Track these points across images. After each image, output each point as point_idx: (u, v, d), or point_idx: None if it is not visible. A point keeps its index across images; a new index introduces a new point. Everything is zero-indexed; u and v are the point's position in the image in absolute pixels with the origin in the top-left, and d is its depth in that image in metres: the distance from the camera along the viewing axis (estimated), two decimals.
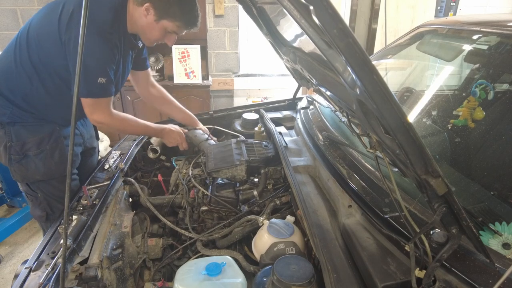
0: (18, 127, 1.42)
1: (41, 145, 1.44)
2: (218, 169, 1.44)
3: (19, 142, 1.41)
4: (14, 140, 1.41)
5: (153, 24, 1.39)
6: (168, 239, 1.30)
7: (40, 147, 1.44)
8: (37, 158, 1.44)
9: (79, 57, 0.74)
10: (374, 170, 1.15)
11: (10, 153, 1.43)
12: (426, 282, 0.76)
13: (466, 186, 1.13)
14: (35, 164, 1.44)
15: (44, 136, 1.44)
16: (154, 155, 1.78)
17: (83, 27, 0.73)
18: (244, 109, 2.12)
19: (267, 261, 1.03)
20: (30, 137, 1.42)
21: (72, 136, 0.78)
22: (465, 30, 1.58)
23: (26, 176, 1.47)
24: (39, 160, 1.44)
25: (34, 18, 1.40)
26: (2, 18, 3.51)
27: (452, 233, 0.74)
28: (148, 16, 1.37)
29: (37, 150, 1.43)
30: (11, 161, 1.44)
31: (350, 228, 0.99)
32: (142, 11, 1.35)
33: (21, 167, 1.44)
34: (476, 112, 1.38)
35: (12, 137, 1.41)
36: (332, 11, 0.56)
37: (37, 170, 1.45)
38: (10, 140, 1.42)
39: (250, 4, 1.37)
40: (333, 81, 0.97)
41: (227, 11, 3.73)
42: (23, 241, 2.63)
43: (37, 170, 1.45)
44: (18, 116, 1.40)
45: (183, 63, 3.46)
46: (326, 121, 1.58)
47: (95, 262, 1.00)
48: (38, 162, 1.44)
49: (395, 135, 0.65)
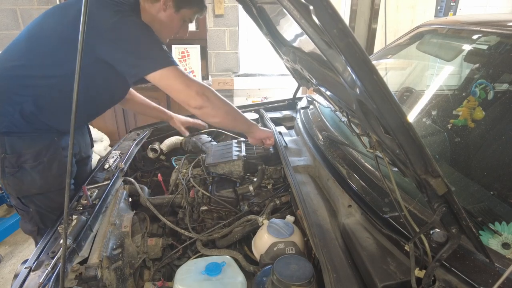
0: (14, 138, 1.33)
1: (38, 157, 1.35)
2: (216, 163, 1.46)
3: (14, 154, 1.32)
4: (9, 152, 1.32)
5: (173, 15, 1.39)
6: (168, 239, 1.30)
7: (38, 159, 1.35)
8: (34, 171, 1.35)
9: (79, 57, 0.74)
10: (374, 170, 1.15)
11: (4, 165, 1.33)
12: (426, 282, 0.76)
13: (466, 186, 1.13)
14: (31, 177, 1.35)
15: (41, 148, 1.36)
16: (154, 155, 1.78)
17: (83, 27, 0.73)
18: (244, 109, 2.12)
19: (267, 261, 1.03)
20: (26, 149, 1.33)
21: (72, 136, 0.78)
22: (465, 30, 1.58)
23: (21, 190, 1.38)
24: (36, 173, 1.36)
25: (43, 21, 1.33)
26: (2, 18, 3.51)
27: (452, 233, 0.74)
28: (168, 9, 1.37)
29: (34, 163, 1.35)
30: (4, 174, 1.35)
31: (350, 228, 0.99)
32: (160, 5, 1.35)
33: (16, 180, 1.35)
34: (476, 112, 1.38)
35: (6, 149, 1.32)
36: (332, 11, 0.56)
37: (34, 183, 1.37)
38: (4, 152, 1.32)
39: (250, 4, 1.38)
40: (333, 81, 0.97)
41: (227, 11, 3.73)
42: (23, 241, 2.63)
43: (33, 183, 1.37)
44: (16, 125, 1.32)
45: (183, 63, 3.47)
46: (326, 121, 1.59)
47: (95, 262, 1.00)
48: (35, 175, 1.36)
49: (395, 135, 0.65)
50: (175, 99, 1.32)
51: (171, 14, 1.38)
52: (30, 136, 1.35)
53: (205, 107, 1.31)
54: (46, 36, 1.30)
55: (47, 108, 1.34)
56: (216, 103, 1.34)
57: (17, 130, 1.33)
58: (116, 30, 1.24)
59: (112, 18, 1.23)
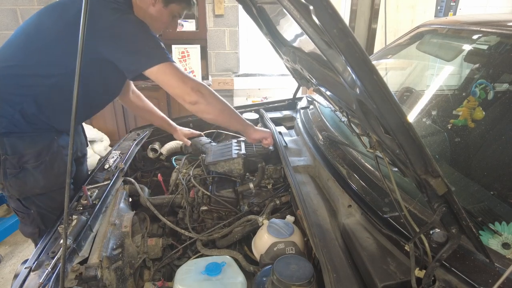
0: (14, 139, 1.32)
1: (40, 157, 1.35)
2: (215, 161, 1.46)
3: (15, 155, 1.32)
4: (10, 153, 1.31)
5: (162, 10, 1.42)
6: (168, 239, 1.30)
7: (39, 159, 1.35)
8: (36, 171, 1.35)
9: (79, 57, 0.74)
10: (374, 170, 1.15)
11: (6, 167, 1.33)
12: (426, 282, 0.76)
13: (466, 186, 1.13)
14: (34, 177, 1.35)
15: (42, 148, 1.36)
16: (154, 155, 1.78)
17: (83, 27, 0.73)
18: (244, 109, 2.12)
19: (267, 261, 1.03)
20: (27, 149, 1.33)
21: (72, 136, 0.78)
22: (465, 30, 1.58)
23: (24, 191, 1.37)
24: (38, 173, 1.35)
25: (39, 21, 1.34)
26: (2, 17, 3.51)
27: (452, 233, 0.74)
28: (156, 4, 1.40)
29: (36, 163, 1.34)
30: (6, 175, 1.34)
31: (350, 228, 0.99)
32: (150, 0, 1.38)
33: (19, 181, 1.35)
34: (476, 112, 1.38)
35: (7, 150, 1.31)
36: (332, 11, 0.56)
37: (37, 183, 1.36)
38: (5, 153, 1.31)
39: (250, 4, 1.38)
40: (333, 81, 0.97)
41: (227, 11, 3.73)
42: (23, 241, 2.63)
43: (36, 184, 1.36)
44: (16, 125, 1.31)
45: (183, 63, 3.47)
46: (326, 121, 1.59)
47: (95, 262, 1.00)
48: (37, 175, 1.35)
49: (395, 135, 0.65)
50: (171, 94, 1.36)
51: (160, 9, 1.41)
52: (30, 136, 1.35)
53: (199, 103, 1.35)
54: (43, 36, 1.30)
55: (47, 107, 1.34)
56: (211, 100, 1.38)
57: (17, 130, 1.32)
58: (116, 29, 1.26)
59: (111, 16, 1.25)
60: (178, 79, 1.32)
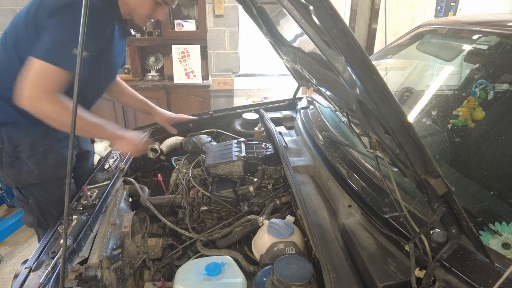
0: (10, 128, 1.37)
1: (33, 147, 1.39)
2: (216, 164, 1.46)
3: (11, 144, 1.37)
4: (6, 143, 1.37)
5: None
6: (168, 239, 1.30)
7: (33, 150, 1.39)
8: (30, 161, 1.39)
9: (79, 57, 0.74)
10: (374, 170, 1.15)
11: (2, 155, 1.39)
12: (426, 282, 0.76)
13: (466, 186, 1.13)
14: (27, 167, 1.39)
15: (36, 139, 1.39)
16: (154, 155, 1.78)
17: (83, 27, 0.73)
18: (244, 109, 2.12)
19: (267, 261, 1.03)
20: (22, 139, 1.37)
21: (72, 136, 0.78)
22: (465, 30, 1.58)
23: (19, 180, 1.42)
24: (32, 163, 1.39)
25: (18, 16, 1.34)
26: (2, 18, 3.51)
27: (452, 233, 0.74)
28: None
29: (30, 153, 1.39)
30: (3, 164, 1.40)
31: (350, 228, 0.99)
32: None
33: (14, 170, 1.40)
34: (476, 112, 1.38)
35: (4, 139, 1.37)
36: (332, 11, 0.56)
37: (30, 173, 1.40)
38: (2, 142, 1.37)
39: (250, 4, 1.38)
40: (333, 81, 0.97)
41: (227, 11, 3.73)
42: (23, 241, 2.63)
43: (30, 173, 1.40)
44: (10, 116, 1.35)
45: (183, 63, 3.46)
46: (326, 121, 1.58)
47: (95, 262, 1.00)
48: (31, 165, 1.39)
49: (395, 135, 0.65)
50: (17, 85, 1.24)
51: None
52: (25, 126, 1.38)
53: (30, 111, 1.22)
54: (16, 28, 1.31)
55: None
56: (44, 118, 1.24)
57: (11, 121, 1.37)
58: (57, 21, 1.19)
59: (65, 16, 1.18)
60: (33, 80, 1.18)
